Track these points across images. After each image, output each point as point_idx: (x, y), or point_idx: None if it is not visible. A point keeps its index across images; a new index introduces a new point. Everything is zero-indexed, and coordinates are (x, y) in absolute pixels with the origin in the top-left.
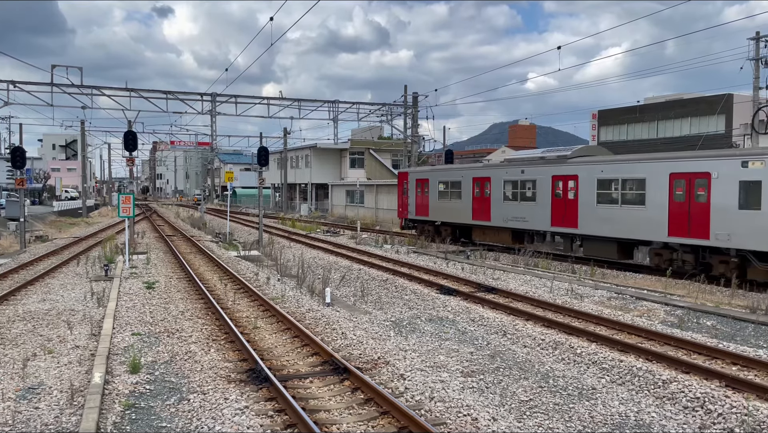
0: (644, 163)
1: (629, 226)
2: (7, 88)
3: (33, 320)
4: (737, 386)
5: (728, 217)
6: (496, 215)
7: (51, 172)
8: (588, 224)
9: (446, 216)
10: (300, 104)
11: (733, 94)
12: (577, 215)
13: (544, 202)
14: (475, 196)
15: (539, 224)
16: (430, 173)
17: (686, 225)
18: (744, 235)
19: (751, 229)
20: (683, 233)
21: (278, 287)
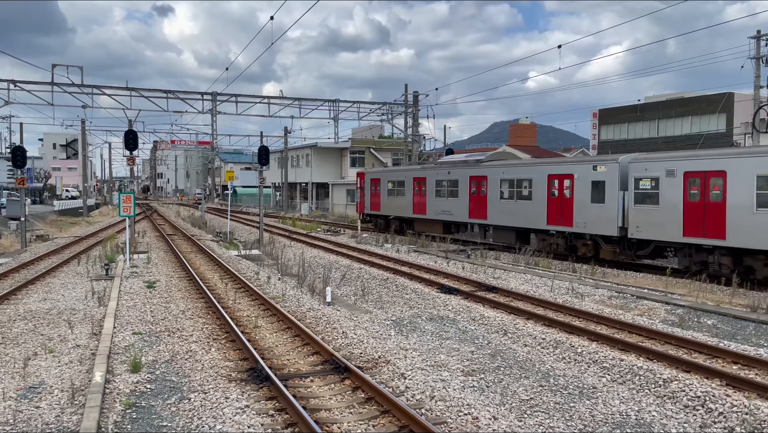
0: (531, 168)
1: (523, 217)
2: (8, 87)
3: (34, 319)
4: (738, 385)
5: (584, 209)
6: (430, 209)
7: (52, 171)
8: (495, 216)
9: (394, 210)
10: (300, 103)
11: (733, 92)
12: (487, 209)
13: (464, 198)
14: (415, 193)
15: (461, 216)
16: (381, 174)
17: (558, 216)
18: (595, 223)
19: (599, 218)
20: (557, 222)
21: (279, 286)
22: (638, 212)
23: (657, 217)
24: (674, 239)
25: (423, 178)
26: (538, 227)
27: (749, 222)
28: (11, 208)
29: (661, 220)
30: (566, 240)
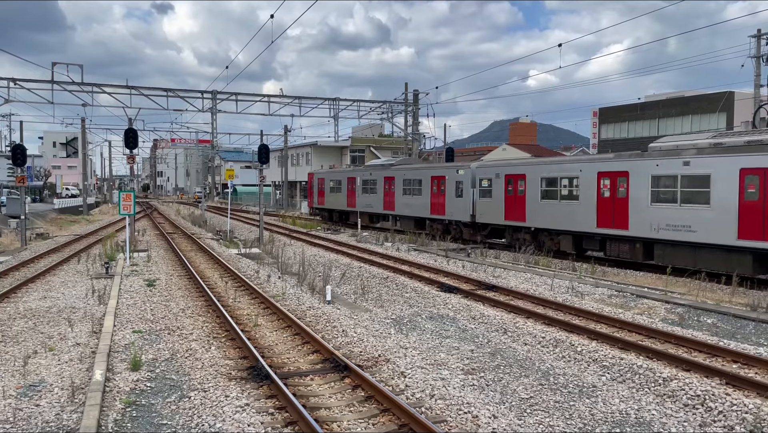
0: (421, 171)
1: (417, 208)
2: (8, 85)
3: (34, 317)
4: (738, 384)
5: (452, 202)
6: (359, 203)
7: (51, 169)
8: (400, 208)
9: (335, 205)
10: (300, 102)
11: (734, 91)
12: (395, 202)
13: (380, 194)
14: (348, 190)
15: (378, 209)
16: (325, 174)
17: (437, 208)
18: (458, 212)
19: (459, 209)
20: (437, 213)
21: (279, 284)
22: (481, 204)
23: (491, 207)
24: (500, 222)
25: (354, 178)
26: (426, 216)
27: (539, 209)
28: (11, 207)
29: (493, 209)
30: (443, 226)
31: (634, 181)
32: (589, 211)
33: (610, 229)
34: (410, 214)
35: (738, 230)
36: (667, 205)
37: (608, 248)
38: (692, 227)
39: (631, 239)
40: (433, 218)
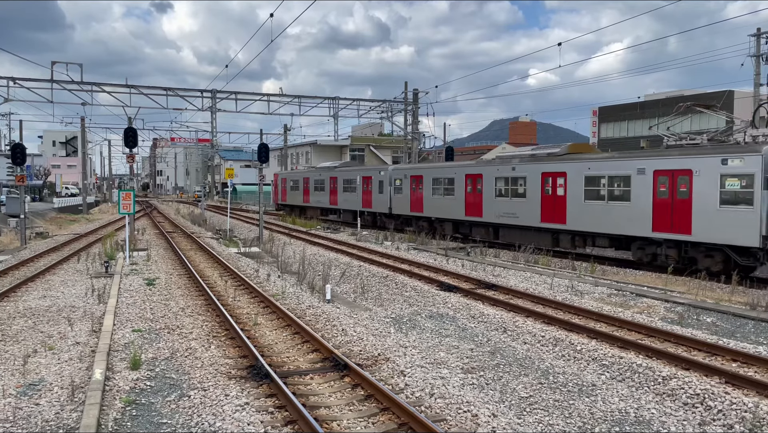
0: (355, 171)
1: (354, 203)
2: (7, 84)
3: (33, 316)
4: (737, 383)
5: (377, 197)
6: (312, 200)
7: (51, 168)
8: (342, 203)
9: (294, 201)
10: (300, 101)
11: (734, 90)
12: (337, 198)
13: (327, 192)
14: (304, 189)
15: (326, 204)
16: (287, 175)
17: (366, 202)
18: (380, 206)
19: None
20: (366, 206)
21: (279, 283)
22: (395, 199)
23: (402, 201)
24: (408, 213)
25: (308, 179)
26: (359, 209)
27: (431, 203)
28: (11, 206)
29: (403, 203)
30: (372, 217)
31: (485, 181)
32: (460, 205)
33: (473, 217)
34: (348, 207)
35: (541, 215)
36: (504, 199)
37: (473, 231)
38: (516, 214)
39: (485, 224)
40: (363, 211)
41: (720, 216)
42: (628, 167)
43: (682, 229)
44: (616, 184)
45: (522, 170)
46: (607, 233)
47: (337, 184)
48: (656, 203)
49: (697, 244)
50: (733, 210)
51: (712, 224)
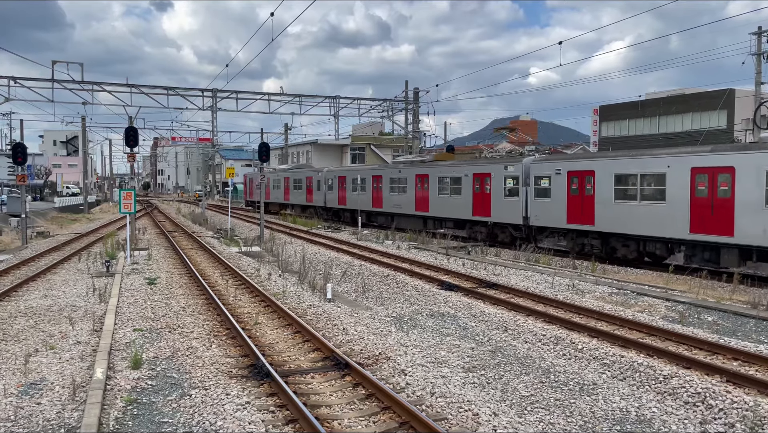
0: (303, 172)
1: (302, 199)
2: (8, 84)
3: (35, 315)
4: (738, 382)
5: (317, 195)
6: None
7: (52, 168)
8: (294, 199)
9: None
10: (301, 100)
11: (734, 89)
12: (289, 195)
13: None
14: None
15: (282, 200)
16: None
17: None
18: (319, 201)
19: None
20: (310, 201)
21: (279, 282)
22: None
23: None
24: (336, 206)
25: (269, 179)
26: (305, 204)
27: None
28: (12, 205)
29: (334, 198)
30: (315, 210)
31: (384, 181)
32: (368, 199)
33: (377, 208)
34: (299, 203)
35: (415, 206)
36: (395, 194)
37: (376, 219)
38: (401, 206)
39: (384, 214)
40: (308, 205)
41: (505, 204)
42: (460, 171)
43: (485, 213)
44: (454, 183)
45: (405, 173)
46: (451, 217)
47: (289, 184)
48: (475, 196)
49: (496, 223)
50: (511, 200)
51: (501, 210)
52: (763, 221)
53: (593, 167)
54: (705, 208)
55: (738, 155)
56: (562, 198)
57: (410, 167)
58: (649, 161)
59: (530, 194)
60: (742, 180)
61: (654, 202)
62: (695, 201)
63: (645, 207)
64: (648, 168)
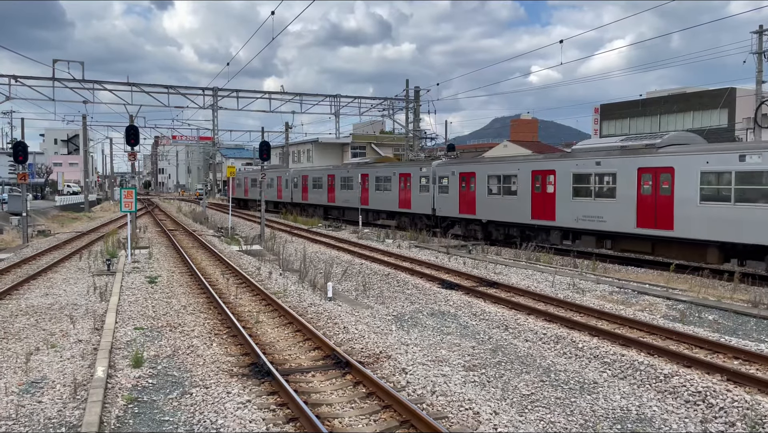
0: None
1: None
2: (9, 82)
3: (36, 314)
4: (739, 380)
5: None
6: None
7: (53, 166)
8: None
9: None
10: (301, 99)
11: (735, 88)
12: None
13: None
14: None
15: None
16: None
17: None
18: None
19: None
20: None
21: (280, 281)
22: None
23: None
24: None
25: (247, 179)
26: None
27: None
28: (13, 204)
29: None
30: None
31: (336, 180)
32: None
33: (331, 203)
34: (270, 199)
35: (360, 201)
36: (345, 191)
37: (332, 213)
38: (349, 201)
39: (337, 208)
40: (278, 201)
41: (420, 198)
42: (390, 172)
43: (407, 206)
44: (386, 182)
45: (352, 173)
46: (384, 209)
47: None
48: (400, 192)
49: (415, 214)
50: (424, 195)
51: (418, 203)
52: (569, 209)
53: (474, 170)
54: (540, 200)
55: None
56: (455, 194)
57: (356, 168)
58: (507, 165)
59: (436, 191)
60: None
61: (510, 197)
62: (535, 195)
63: (506, 200)
64: (506, 171)
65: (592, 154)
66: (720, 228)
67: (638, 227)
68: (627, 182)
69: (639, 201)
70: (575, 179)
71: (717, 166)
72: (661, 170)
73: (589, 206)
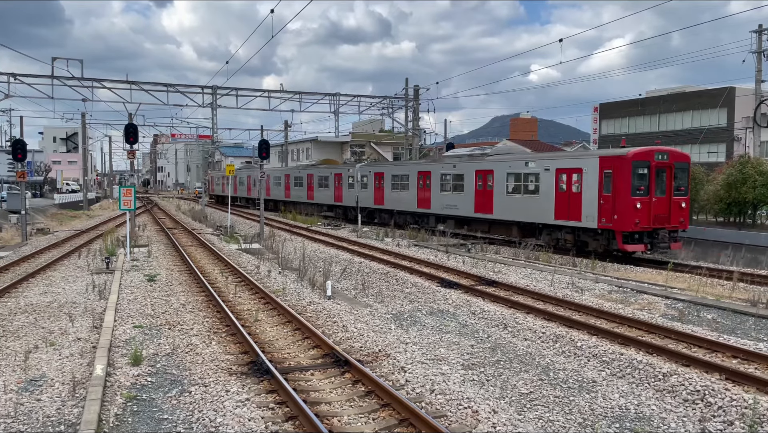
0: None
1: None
2: (8, 80)
3: (35, 312)
4: (737, 379)
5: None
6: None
7: (52, 164)
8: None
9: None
10: (301, 97)
11: (735, 87)
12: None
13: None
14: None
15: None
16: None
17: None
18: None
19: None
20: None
21: (279, 279)
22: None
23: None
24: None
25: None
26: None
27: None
28: (12, 202)
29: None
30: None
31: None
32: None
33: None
34: (244, 196)
35: (307, 197)
36: (297, 188)
37: (280, 207)
38: (301, 197)
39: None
40: (249, 198)
41: (348, 194)
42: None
43: (340, 200)
44: (325, 180)
45: (302, 173)
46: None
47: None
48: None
49: (346, 207)
50: (351, 191)
51: (347, 198)
52: (439, 200)
53: (383, 170)
54: (422, 194)
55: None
56: (371, 189)
57: (304, 169)
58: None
59: (359, 188)
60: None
61: (405, 192)
62: (419, 190)
63: (403, 194)
64: (402, 171)
65: (451, 160)
66: (517, 212)
67: (476, 213)
68: (470, 180)
69: (476, 193)
70: (441, 178)
71: (515, 170)
72: (487, 172)
73: (450, 198)
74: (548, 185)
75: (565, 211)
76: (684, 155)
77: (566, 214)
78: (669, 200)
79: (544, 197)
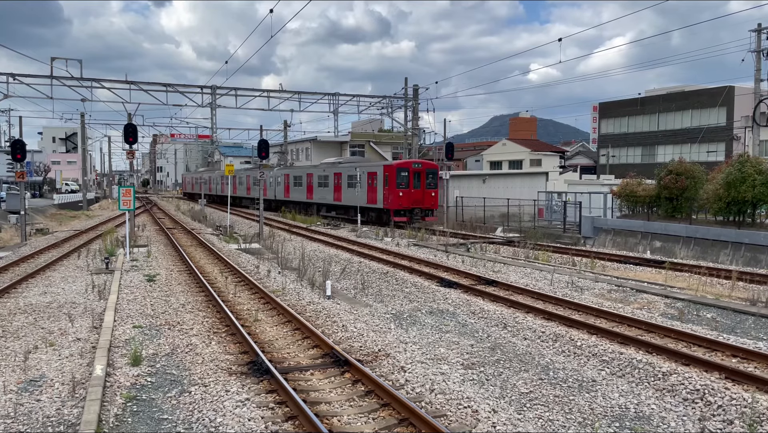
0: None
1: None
2: (7, 80)
3: (34, 312)
4: (737, 378)
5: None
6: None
7: (51, 165)
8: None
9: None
10: (300, 97)
11: (734, 86)
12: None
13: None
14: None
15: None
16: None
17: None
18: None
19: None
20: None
21: (279, 279)
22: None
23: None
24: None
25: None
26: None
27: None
28: (11, 202)
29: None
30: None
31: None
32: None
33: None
34: (216, 193)
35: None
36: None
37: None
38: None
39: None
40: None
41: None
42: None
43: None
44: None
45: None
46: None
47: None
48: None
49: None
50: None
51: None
52: (318, 195)
53: (289, 172)
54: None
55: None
56: (282, 186)
57: (245, 172)
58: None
59: (276, 185)
60: (314, 179)
61: (299, 187)
62: (308, 187)
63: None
64: (298, 173)
65: (323, 166)
66: (352, 200)
67: (334, 201)
68: (332, 180)
69: (334, 189)
70: (318, 178)
71: (350, 172)
72: (338, 174)
73: (323, 193)
74: (363, 183)
75: (372, 199)
76: (433, 164)
77: (373, 200)
78: (423, 191)
79: (361, 190)
